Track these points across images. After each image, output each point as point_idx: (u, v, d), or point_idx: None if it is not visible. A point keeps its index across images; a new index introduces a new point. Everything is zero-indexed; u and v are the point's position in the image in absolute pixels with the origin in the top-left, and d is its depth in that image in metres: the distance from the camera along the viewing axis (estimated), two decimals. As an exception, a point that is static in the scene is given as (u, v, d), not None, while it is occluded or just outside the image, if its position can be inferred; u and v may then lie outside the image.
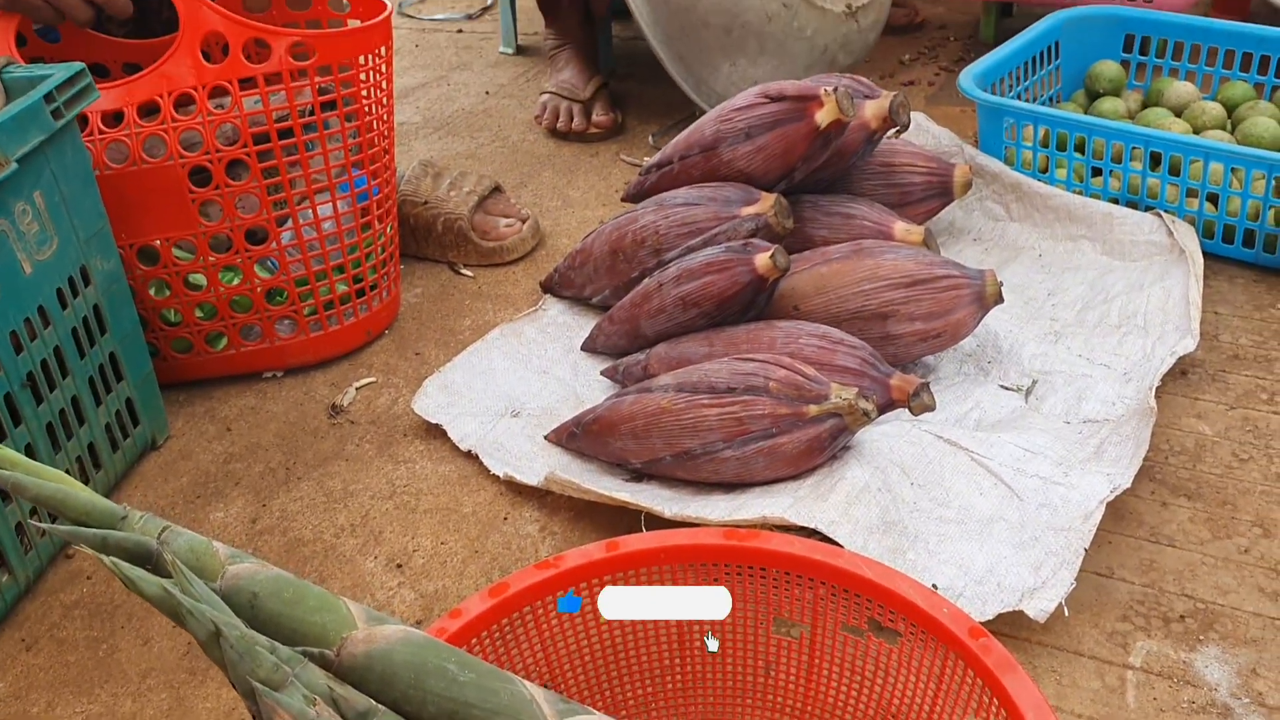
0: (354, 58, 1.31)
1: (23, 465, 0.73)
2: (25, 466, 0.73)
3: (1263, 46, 1.67)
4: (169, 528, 0.70)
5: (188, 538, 0.70)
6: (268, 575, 0.71)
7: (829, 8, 1.79)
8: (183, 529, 0.68)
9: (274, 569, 0.71)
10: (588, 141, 1.95)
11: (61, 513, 0.69)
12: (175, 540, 0.69)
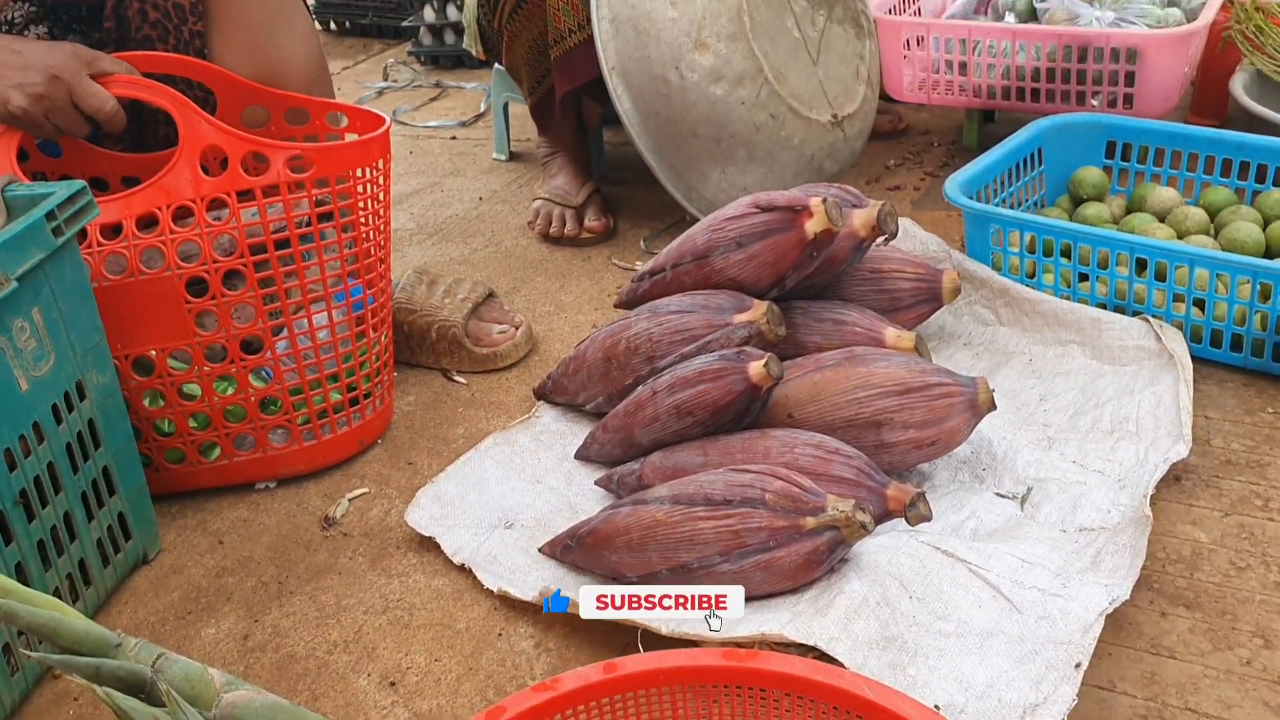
0: (351, 171, 1.33)
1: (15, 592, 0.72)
2: (18, 594, 0.72)
3: (1242, 153, 1.70)
4: (164, 655, 0.69)
5: (182, 665, 0.69)
6: (263, 702, 0.70)
7: (815, 118, 1.83)
8: (177, 656, 0.67)
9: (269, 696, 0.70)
10: (580, 246, 1.97)
11: (54, 641, 0.69)
12: (170, 668, 0.68)
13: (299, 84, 1.48)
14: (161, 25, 1.42)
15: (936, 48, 2.06)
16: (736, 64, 1.73)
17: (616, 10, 1.76)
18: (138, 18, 1.42)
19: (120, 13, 1.43)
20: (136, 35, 1.43)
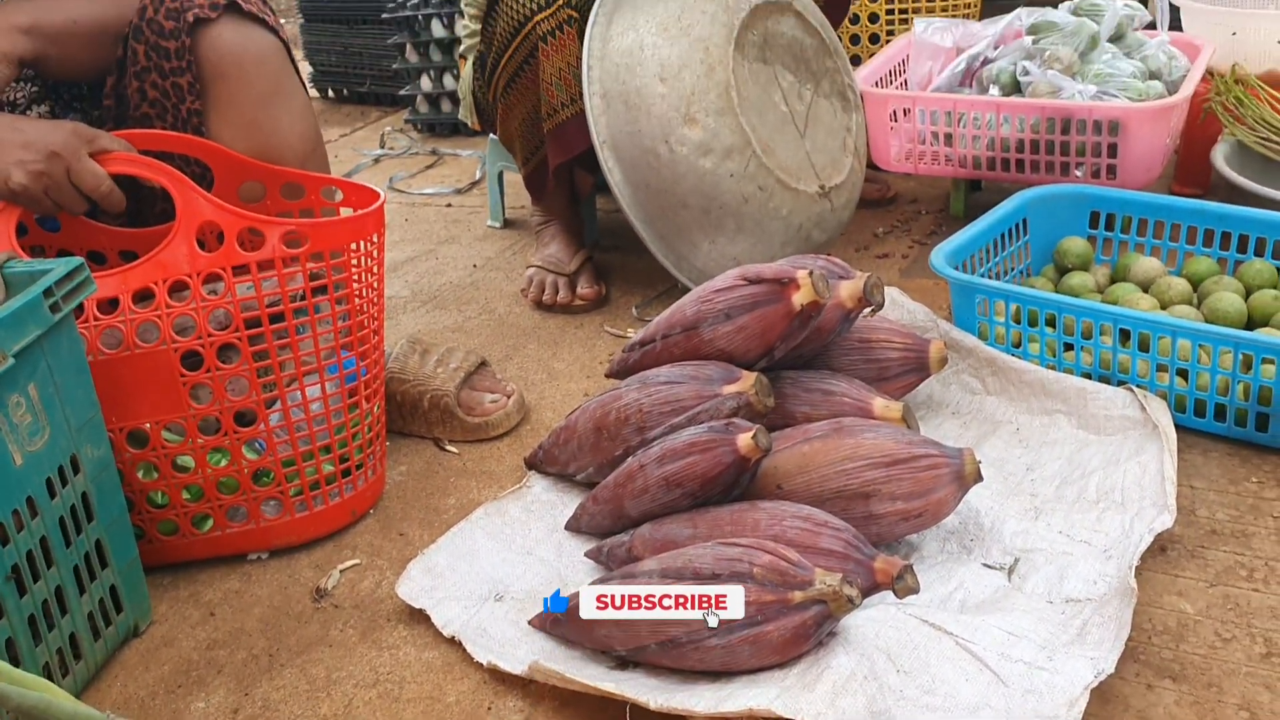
0: (345, 245, 1.35)
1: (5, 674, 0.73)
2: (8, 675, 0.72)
3: (1223, 223, 1.73)
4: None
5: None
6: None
7: (802, 189, 1.86)
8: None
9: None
10: (573, 314, 1.99)
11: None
12: (158, 753, 0.69)
13: (295, 160, 1.51)
14: (160, 104, 1.45)
15: (922, 119, 2.10)
16: (725, 138, 1.77)
17: (608, 86, 1.79)
18: (137, 96, 1.44)
19: (120, 91, 1.46)
20: (135, 113, 1.45)
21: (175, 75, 1.42)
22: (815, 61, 1.98)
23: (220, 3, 1.41)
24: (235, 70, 1.44)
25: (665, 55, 1.77)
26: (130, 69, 1.43)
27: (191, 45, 1.41)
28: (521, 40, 1.85)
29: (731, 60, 1.79)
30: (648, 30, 1.79)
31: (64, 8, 1.39)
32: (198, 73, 1.43)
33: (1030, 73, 2.01)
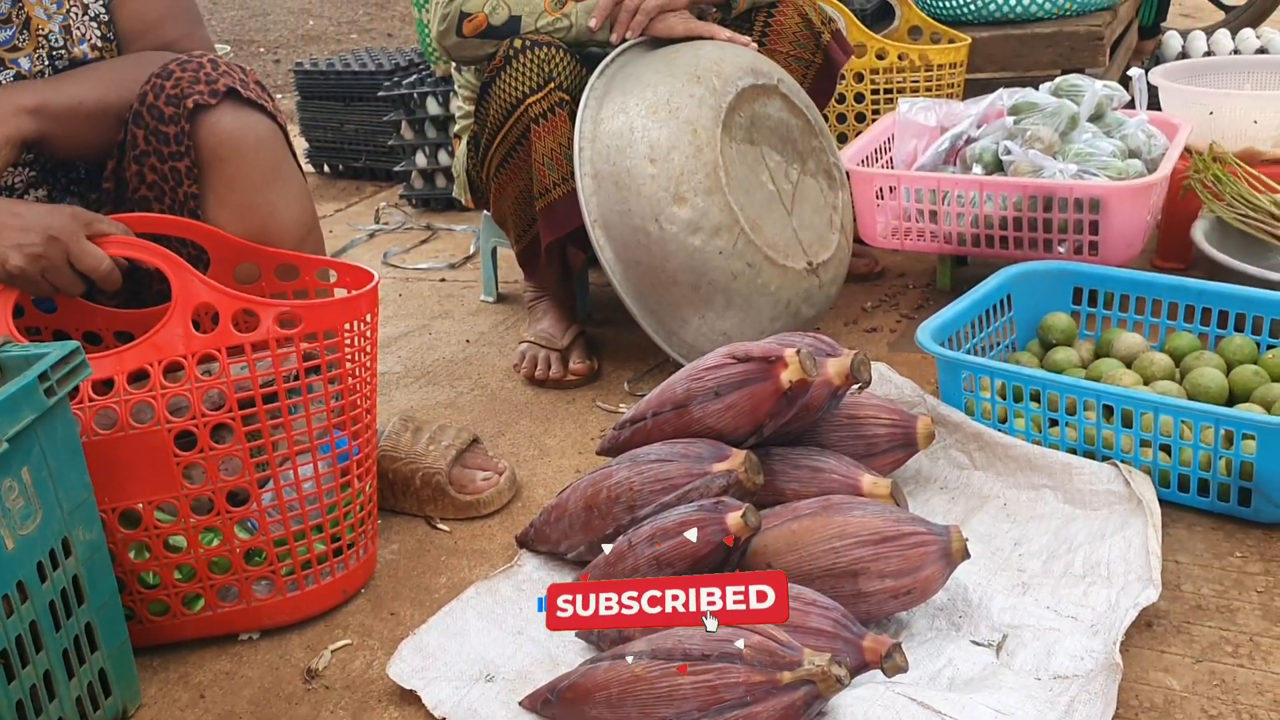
0: (339, 325, 1.37)
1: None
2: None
3: (1203, 299, 1.76)
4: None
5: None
6: None
7: (790, 265, 1.89)
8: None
9: None
10: (565, 389, 2.01)
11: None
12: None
13: (291, 242, 1.53)
14: (159, 187, 1.47)
15: (908, 197, 2.13)
16: (713, 216, 1.80)
17: (599, 167, 1.83)
18: (135, 179, 1.47)
19: (119, 174, 1.49)
20: (134, 196, 1.48)
21: (174, 160, 1.45)
22: (801, 141, 2.03)
23: (220, 89, 1.44)
24: (233, 155, 1.46)
25: (655, 137, 1.81)
26: (130, 152, 1.46)
27: (191, 130, 1.44)
28: (514, 122, 1.89)
29: (719, 142, 1.83)
30: (638, 113, 1.83)
31: (69, 89, 1.42)
32: (196, 157, 1.45)
33: (1012, 152, 2.05)
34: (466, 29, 1.89)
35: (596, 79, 1.90)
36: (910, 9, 2.68)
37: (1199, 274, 2.01)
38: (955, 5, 2.68)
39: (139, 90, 1.44)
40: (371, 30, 6.05)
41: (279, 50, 5.69)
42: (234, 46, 5.74)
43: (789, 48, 2.10)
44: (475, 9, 1.89)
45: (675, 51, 1.92)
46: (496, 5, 1.88)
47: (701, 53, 1.91)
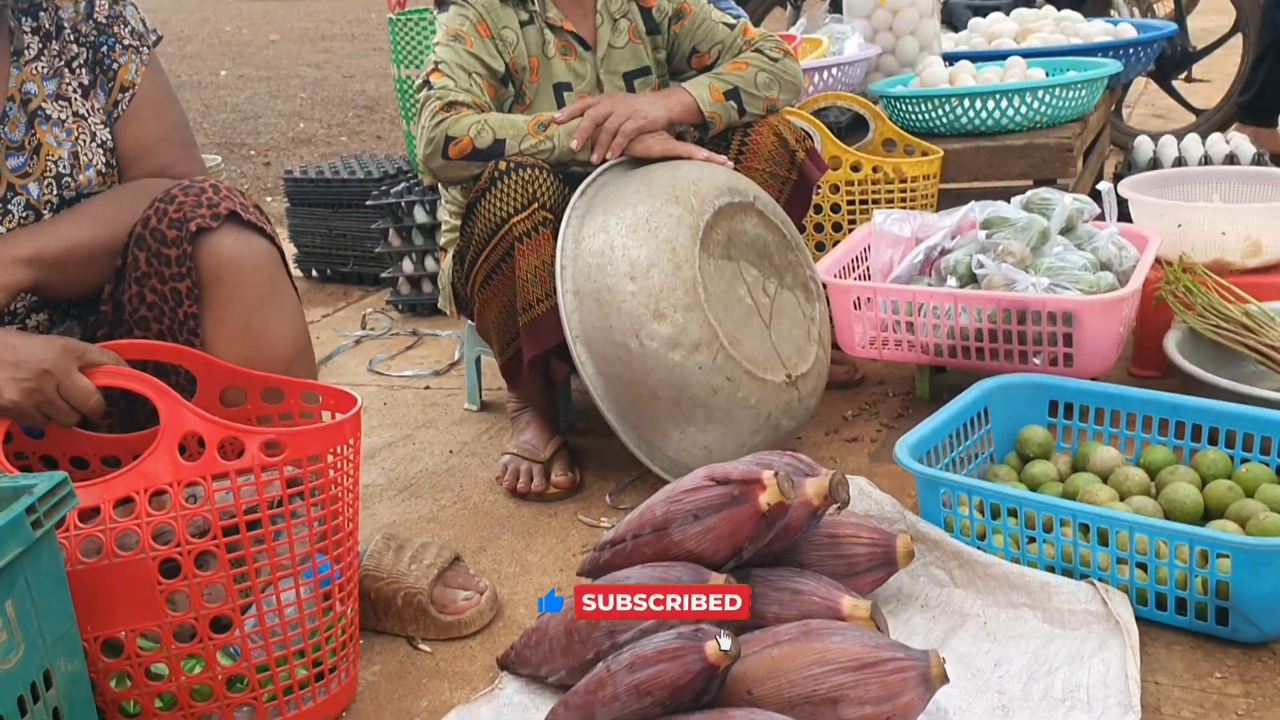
0: (323, 451, 1.38)
1: None
2: None
3: (1177, 413, 1.79)
4: None
5: None
6: None
7: (770, 379, 1.92)
8: None
9: None
10: (547, 502, 2.02)
11: None
12: None
13: (284, 360, 1.56)
14: (159, 307, 1.50)
15: (884, 308, 2.17)
16: (693, 332, 1.83)
17: (580, 284, 1.87)
18: (135, 300, 1.50)
19: (116, 297, 1.51)
20: (133, 317, 1.51)
21: (175, 281, 1.48)
22: (778, 256, 2.07)
23: (222, 213, 1.48)
24: (232, 276, 1.50)
25: (635, 255, 1.85)
26: (130, 274, 1.49)
27: (192, 253, 1.47)
28: (499, 241, 1.93)
29: (697, 259, 1.87)
30: (618, 232, 1.87)
31: (64, 232, 1.46)
32: (197, 278, 1.49)
33: (985, 265, 2.09)
34: (452, 152, 1.93)
35: (578, 199, 1.94)
36: (884, 122, 2.75)
37: (1174, 383, 2.05)
38: (928, 118, 2.75)
39: (141, 214, 1.48)
40: (361, 133, 6.16)
41: (270, 153, 5.78)
42: (225, 150, 5.82)
43: (765, 165, 2.16)
44: (460, 133, 1.93)
45: (654, 171, 1.97)
46: (481, 129, 1.93)
47: (680, 172, 1.96)
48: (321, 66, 8.41)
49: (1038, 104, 2.66)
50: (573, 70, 2.14)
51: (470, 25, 2.04)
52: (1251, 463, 1.71)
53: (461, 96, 1.96)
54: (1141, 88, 5.14)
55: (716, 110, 2.09)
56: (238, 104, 7.05)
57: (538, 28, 2.11)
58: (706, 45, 2.22)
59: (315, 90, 7.45)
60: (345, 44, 9.59)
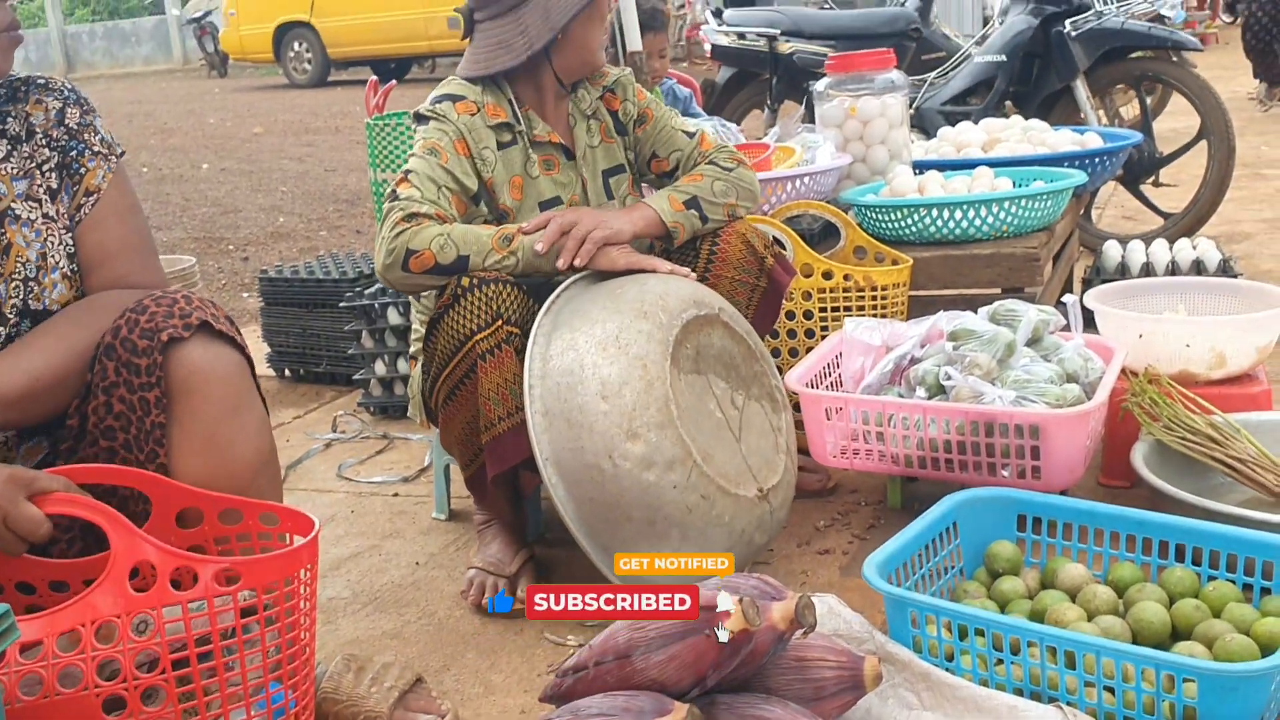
0: (279, 579, 1.36)
1: None
2: None
3: (1144, 530, 1.79)
4: None
5: None
6: None
7: (742, 493, 1.90)
8: None
9: None
10: (513, 618, 1.99)
11: None
12: None
13: (249, 472, 1.54)
14: (125, 417, 1.49)
15: (855, 419, 2.17)
16: (666, 450, 1.82)
17: (549, 404, 1.85)
18: (102, 410, 1.49)
19: (83, 410, 1.50)
20: (98, 427, 1.49)
21: (143, 390, 1.47)
22: (744, 367, 2.08)
23: (194, 323, 1.48)
24: (201, 387, 1.49)
25: (606, 374, 1.84)
26: (97, 384, 1.48)
27: (162, 362, 1.47)
28: (462, 358, 1.92)
29: (669, 375, 1.87)
30: (587, 350, 1.86)
31: (25, 365, 1.45)
32: (165, 388, 1.48)
33: (953, 377, 2.10)
34: (413, 265, 1.92)
35: (543, 316, 1.94)
36: (854, 230, 2.78)
37: (1144, 494, 2.05)
38: (897, 227, 2.78)
39: (111, 324, 1.48)
40: (341, 228, 6.19)
41: (248, 248, 5.79)
42: (204, 244, 5.84)
43: (734, 273, 2.17)
44: (422, 246, 1.91)
45: (620, 286, 1.97)
46: (444, 244, 1.92)
47: (646, 287, 1.96)
48: (304, 160, 8.48)
49: (1004, 214, 2.70)
50: (557, 183, 2.16)
51: (449, 141, 2.05)
52: (1219, 581, 1.70)
53: (425, 208, 1.95)
54: (1111, 190, 5.21)
55: (679, 220, 2.11)
56: (218, 198, 7.09)
57: (521, 148, 2.13)
58: (666, 151, 2.26)
59: (297, 184, 7.51)
60: (329, 137, 9.68)
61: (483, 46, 2.13)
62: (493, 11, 2.10)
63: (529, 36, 2.07)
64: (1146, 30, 4.30)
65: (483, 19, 2.13)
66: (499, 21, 2.10)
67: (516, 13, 2.08)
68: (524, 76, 2.15)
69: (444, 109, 2.08)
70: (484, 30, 2.12)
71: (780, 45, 5.03)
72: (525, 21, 2.07)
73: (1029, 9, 4.49)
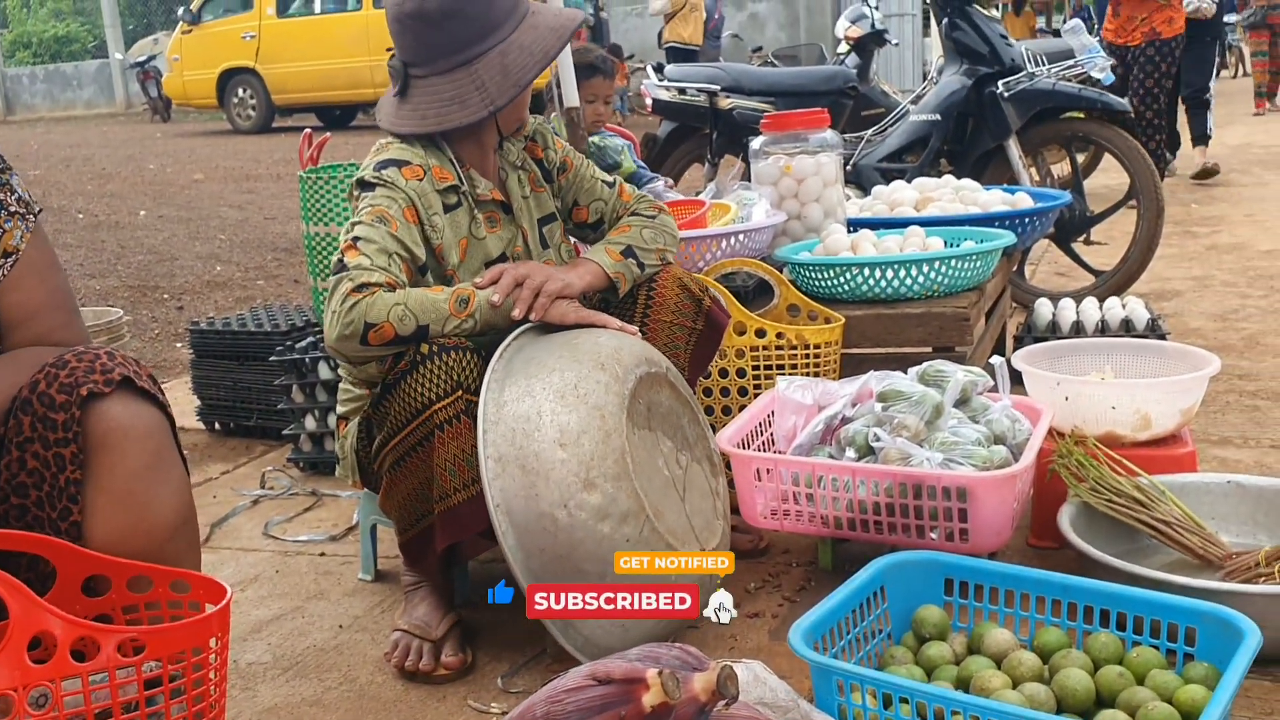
0: (187, 649, 1.32)
1: None
2: None
3: (1068, 594, 1.79)
4: None
5: None
6: None
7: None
8: None
9: None
10: (436, 684, 1.95)
11: None
12: None
13: (166, 531, 1.50)
14: (39, 473, 1.45)
15: (786, 480, 2.17)
16: (622, 503, 1.81)
17: (503, 450, 1.83)
18: (15, 465, 1.45)
19: None
20: (10, 484, 1.46)
21: (59, 446, 1.43)
22: (688, 429, 2.07)
23: (115, 379, 1.45)
24: (120, 444, 1.46)
25: (564, 421, 1.82)
26: (11, 440, 1.44)
27: (81, 418, 1.43)
28: (418, 425, 1.88)
29: (625, 427, 1.86)
30: (545, 397, 1.85)
31: None
32: (83, 444, 1.44)
33: (881, 439, 2.11)
34: (372, 339, 1.85)
35: (496, 362, 1.91)
36: (788, 288, 2.80)
37: (1072, 555, 2.06)
38: (830, 285, 2.80)
39: (29, 379, 1.45)
40: (279, 276, 6.13)
41: (184, 296, 5.71)
42: (138, 293, 5.74)
43: (672, 316, 2.18)
44: (379, 319, 1.85)
45: (576, 337, 1.96)
46: (403, 315, 1.86)
47: (601, 340, 1.96)
48: (244, 208, 8.39)
49: (935, 274, 2.72)
50: (501, 239, 2.15)
51: (399, 209, 1.98)
52: (1142, 646, 1.71)
53: (375, 277, 1.88)
54: (1045, 247, 5.31)
55: (620, 270, 2.12)
56: (155, 245, 6.98)
57: (466, 209, 2.11)
58: (587, 200, 2.28)
59: (235, 232, 7.43)
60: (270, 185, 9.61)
61: (428, 103, 2.06)
62: (440, 67, 2.04)
63: (488, 93, 2.03)
64: (1077, 92, 4.40)
65: (425, 74, 2.06)
66: (448, 77, 2.04)
67: (469, 68, 2.03)
68: (466, 135, 2.11)
69: (391, 175, 2.01)
70: (428, 86, 2.06)
71: (720, 101, 5.10)
72: (481, 77, 2.03)
73: (963, 69, 4.58)
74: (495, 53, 2.03)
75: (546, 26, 2.08)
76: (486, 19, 2.02)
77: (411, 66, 2.08)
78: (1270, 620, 1.74)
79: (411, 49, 2.07)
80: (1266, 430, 3.01)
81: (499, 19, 2.03)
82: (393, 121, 2.10)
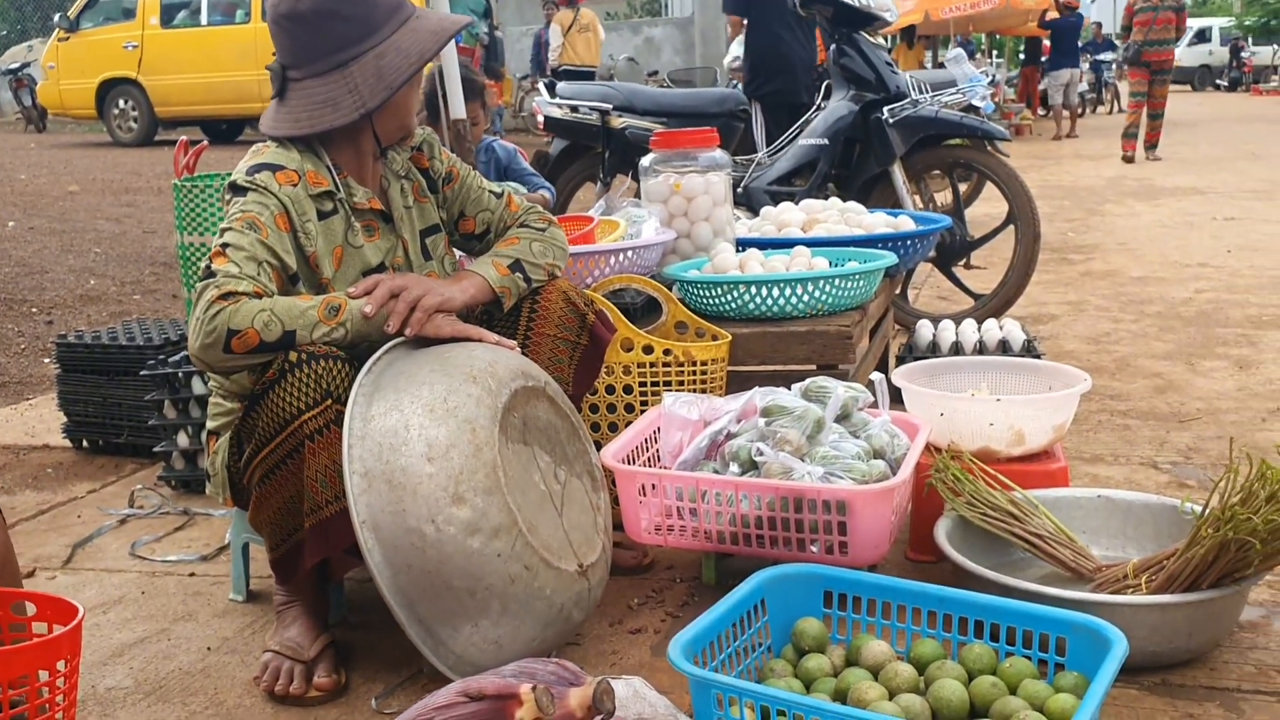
0: (32, 672, 1.25)
1: None
2: None
3: (944, 606, 1.81)
4: None
5: None
6: None
7: (564, 567, 1.87)
8: None
9: None
10: (307, 706, 1.88)
11: None
12: None
13: None
14: None
15: (670, 495, 2.16)
16: (493, 517, 1.77)
17: (369, 465, 1.78)
18: None
19: None
20: None
21: None
22: (568, 444, 2.05)
23: None
24: None
25: (433, 435, 1.78)
26: None
27: None
28: (286, 437, 1.83)
29: (497, 441, 1.82)
30: (413, 411, 1.80)
31: None
32: None
33: (764, 453, 2.11)
34: (235, 346, 1.80)
35: (364, 376, 1.86)
36: (676, 305, 2.80)
37: (949, 568, 2.08)
38: (717, 303, 2.81)
39: None
40: (156, 291, 5.94)
41: (54, 311, 5.49)
42: (3, 307, 5.50)
43: (555, 330, 2.16)
44: (243, 325, 1.80)
45: (448, 351, 1.92)
46: (269, 321, 1.81)
47: (474, 354, 1.92)
48: (121, 221, 8.12)
49: (819, 293, 2.75)
50: (379, 249, 2.10)
51: (270, 216, 1.93)
52: (1015, 656, 1.73)
53: (242, 286, 1.83)
54: (928, 272, 5.43)
55: (505, 284, 2.09)
56: (24, 258, 6.70)
57: (343, 216, 2.05)
58: (474, 210, 2.25)
59: (111, 245, 7.17)
60: (150, 198, 9.31)
61: (303, 105, 2.02)
62: (316, 69, 2.00)
63: (360, 95, 1.99)
64: (959, 120, 4.51)
65: (302, 76, 2.02)
66: (323, 80, 2.01)
67: (344, 70, 1.99)
68: (343, 140, 2.07)
69: (263, 179, 1.95)
70: (304, 88, 2.02)
71: (613, 120, 5.10)
72: (354, 80, 1.99)
73: (850, 95, 4.67)
74: (371, 55, 1.99)
75: (427, 30, 2.04)
76: (365, 21, 1.99)
77: (289, 69, 2.04)
78: (1137, 630, 1.79)
79: (289, 51, 2.02)
80: (1136, 448, 3.10)
81: (378, 22, 2.00)
82: (269, 124, 2.05)
